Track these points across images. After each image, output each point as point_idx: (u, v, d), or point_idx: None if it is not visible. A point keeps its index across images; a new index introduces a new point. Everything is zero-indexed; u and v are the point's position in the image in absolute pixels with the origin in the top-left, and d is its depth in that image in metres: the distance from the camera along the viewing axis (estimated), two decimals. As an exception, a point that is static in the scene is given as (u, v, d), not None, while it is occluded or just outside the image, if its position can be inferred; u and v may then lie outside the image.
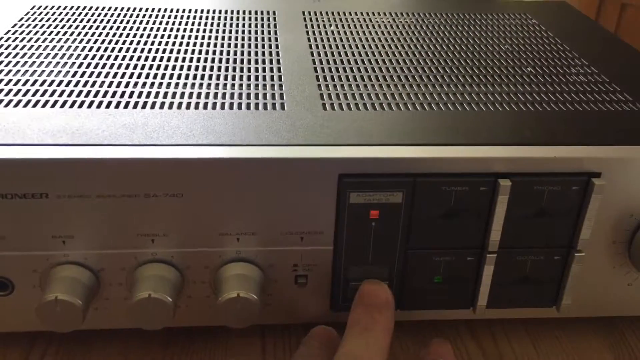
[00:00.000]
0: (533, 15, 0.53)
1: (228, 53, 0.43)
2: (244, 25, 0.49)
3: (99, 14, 0.49)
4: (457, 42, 0.47)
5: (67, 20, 0.48)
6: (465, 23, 0.51)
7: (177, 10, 0.51)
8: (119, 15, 0.49)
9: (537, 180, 0.32)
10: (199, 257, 0.33)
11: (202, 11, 0.51)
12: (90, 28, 0.46)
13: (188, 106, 0.35)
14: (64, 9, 0.50)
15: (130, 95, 0.36)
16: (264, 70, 0.41)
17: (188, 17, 0.49)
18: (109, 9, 0.50)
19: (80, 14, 0.49)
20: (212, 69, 0.41)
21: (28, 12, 0.49)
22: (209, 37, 0.46)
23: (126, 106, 0.35)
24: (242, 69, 0.41)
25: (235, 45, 0.44)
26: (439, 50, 0.45)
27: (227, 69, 0.41)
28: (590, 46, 0.47)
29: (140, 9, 0.51)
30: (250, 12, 0.51)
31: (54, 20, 0.47)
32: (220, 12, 0.51)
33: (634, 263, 0.34)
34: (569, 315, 0.36)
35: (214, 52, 0.43)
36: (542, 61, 0.44)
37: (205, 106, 0.36)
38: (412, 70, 0.42)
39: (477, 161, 0.32)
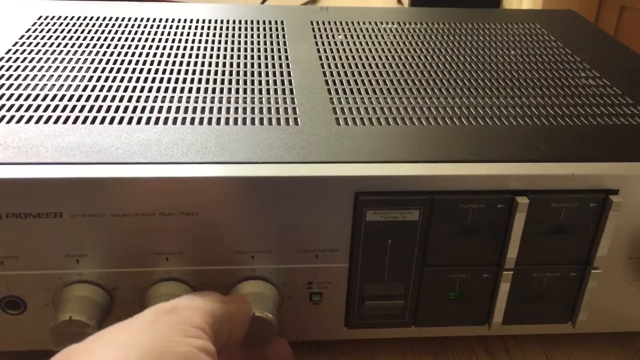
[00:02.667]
0: (542, 25, 0.53)
1: (239, 65, 0.43)
2: (252, 35, 0.48)
3: (107, 25, 0.49)
4: (467, 52, 0.47)
5: (75, 32, 0.47)
6: (474, 33, 0.51)
7: (186, 21, 0.50)
8: (126, 26, 0.49)
9: (554, 197, 0.32)
10: (213, 275, 0.32)
11: (210, 21, 0.51)
12: (99, 39, 0.46)
13: (201, 122, 0.35)
14: (71, 19, 0.50)
15: (143, 110, 0.36)
16: (275, 83, 0.41)
17: (197, 28, 0.49)
18: (117, 19, 0.50)
19: (88, 24, 0.49)
20: (223, 82, 0.40)
21: (35, 23, 0.48)
22: (219, 49, 0.45)
23: (139, 122, 0.35)
24: (253, 82, 0.40)
25: (246, 57, 0.44)
26: (449, 61, 0.45)
27: (238, 82, 0.40)
28: (601, 56, 0.47)
29: (149, 19, 0.50)
30: (258, 22, 0.51)
31: (61, 32, 0.47)
32: (229, 22, 0.51)
33: (650, 279, 0.34)
34: (584, 331, 0.36)
35: (224, 65, 0.43)
36: (553, 72, 0.44)
37: (218, 121, 0.35)
38: (422, 82, 0.41)
39: (494, 179, 0.31)
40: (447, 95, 0.40)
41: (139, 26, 0.49)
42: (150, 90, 0.39)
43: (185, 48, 0.45)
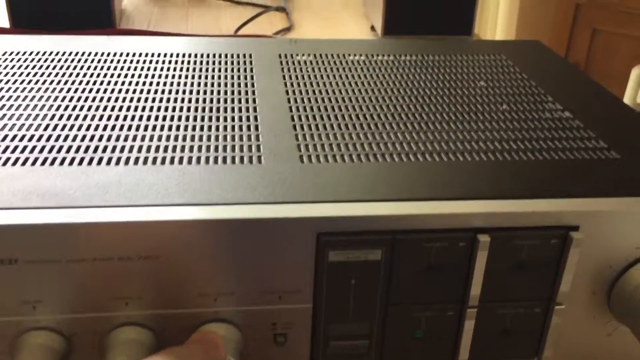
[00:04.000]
0: (508, 56, 0.54)
1: (204, 101, 0.43)
2: (220, 70, 0.48)
3: (67, 60, 0.48)
4: (433, 86, 0.47)
5: (34, 67, 0.47)
6: (441, 65, 0.51)
7: (152, 55, 0.50)
8: (92, 61, 0.49)
9: (515, 234, 0.32)
10: (175, 319, 0.32)
11: (177, 55, 0.51)
12: (60, 76, 0.45)
13: (164, 161, 0.35)
14: (36, 54, 0.49)
15: (104, 150, 0.36)
16: (240, 119, 0.40)
17: (164, 62, 0.49)
18: (78, 54, 0.50)
19: (50, 60, 0.48)
20: (187, 118, 0.40)
21: (-1, 59, 0.48)
22: (185, 84, 0.45)
23: (99, 162, 0.34)
24: (218, 119, 0.40)
25: (212, 92, 0.44)
26: (415, 95, 0.45)
27: (203, 119, 0.40)
28: (565, 88, 0.48)
29: (115, 54, 0.50)
30: (226, 56, 0.51)
31: (19, 68, 0.47)
32: (196, 56, 0.51)
33: (614, 313, 0.34)
34: (550, 366, 0.36)
35: (190, 100, 0.43)
36: (518, 105, 0.44)
37: (180, 161, 0.35)
38: (388, 116, 0.42)
39: (455, 217, 0.31)
40: (412, 129, 0.40)
41: (104, 61, 0.49)
42: (112, 128, 0.38)
43: (151, 83, 0.45)
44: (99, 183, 0.32)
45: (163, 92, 0.44)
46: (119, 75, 0.46)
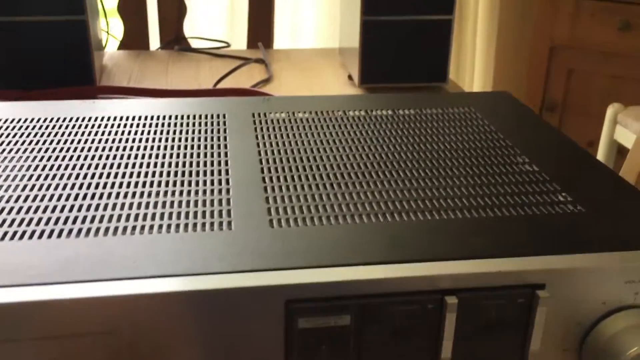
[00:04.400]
0: (477, 109, 0.55)
1: (177, 165, 0.43)
2: (194, 132, 0.49)
3: (35, 127, 0.49)
4: (403, 142, 0.48)
5: (8, 136, 0.47)
6: (412, 120, 0.53)
7: (127, 119, 0.51)
8: (60, 127, 0.49)
9: (483, 295, 0.32)
10: (145, 392, 0.32)
11: (152, 118, 0.51)
12: (25, 144, 0.46)
13: (133, 230, 0.35)
14: (11, 122, 0.50)
15: (74, 221, 0.36)
16: (212, 182, 0.41)
17: (137, 126, 0.50)
18: (51, 120, 0.50)
19: (19, 127, 0.49)
20: (160, 184, 0.40)
21: (-27, 127, 0.48)
22: (159, 147, 0.46)
23: (69, 234, 0.34)
24: (190, 183, 0.41)
25: (185, 155, 0.45)
26: (385, 151, 0.46)
27: (175, 184, 0.41)
28: (532, 141, 0.49)
29: (89, 119, 0.51)
30: (201, 117, 0.52)
31: None
32: (171, 117, 0.51)
33: (585, 369, 0.34)
34: None
35: (163, 165, 0.43)
36: (485, 159, 0.45)
37: (151, 229, 0.35)
38: (358, 175, 0.42)
39: (423, 279, 0.32)
40: (382, 188, 0.41)
41: (73, 126, 0.49)
42: (83, 197, 0.38)
43: (122, 149, 0.46)
44: (66, 257, 0.32)
45: (136, 156, 0.44)
46: (92, 141, 0.47)
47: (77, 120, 0.50)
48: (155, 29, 1.23)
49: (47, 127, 0.49)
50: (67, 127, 0.49)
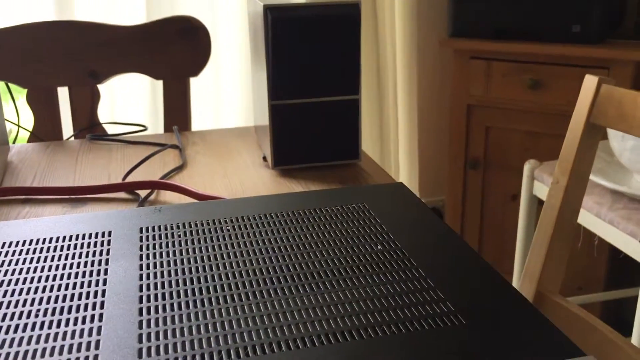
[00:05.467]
0: (370, 205, 0.55)
1: (55, 300, 0.41)
2: (74, 255, 0.47)
3: None
4: (292, 249, 0.47)
5: None
6: (306, 220, 0.52)
7: (9, 245, 0.48)
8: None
9: None
10: None
11: (36, 242, 0.49)
12: None
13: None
14: None
15: None
16: (83, 321, 0.39)
17: (20, 253, 0.47)
18: None
19: None
20: (26, 327, 0.38)
21: None
22: (39, 279, 0.43)
23: None
24: (65, 322, 0.38)
25: (60, 288, 0.42)
26: (273, 264, 0.45)
27: (42, 325, 0.38)
28: (421, 241, 0.49)
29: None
30: (84, 237, 0.50)
31: None
32: (54, 240, 0.49)
33: None
34: None
35: (33, 302, 0.41)
36: (374, 267, 0.45)
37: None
38: (250, 295, 0.41)
39: None
40: (263, 312, 0.39)
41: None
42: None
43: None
44: None
45: (12, 293, 0.42)
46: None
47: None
48: (68, 117, 1.20)
49: None
50: None
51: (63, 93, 1.20)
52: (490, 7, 1.62)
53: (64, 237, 0.50)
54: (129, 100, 1.67)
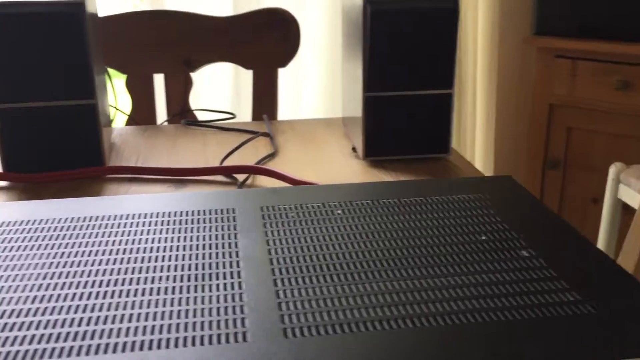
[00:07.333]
0: (484, 195, 0.56)
1: (189, 268, 0.44)
2: (204, 229, 0.50)
3: (43, 229, 0.50)
4: (410, 234, 0.49)
5: (24, 240, 0.48)
6: (417, 209, 0.53)
7: (135, 217, 0.52)
8: (62, 229, 0.50)
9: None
10: None
11: (163, 215, 0.52)
12: (33, 248, 0.47)
13: (142, 346, 0.35)
14: (13, 224, 0.51)
15: (83, 337, 0.36)
16: (225, 287, 0.42)
17: (144, 225, 0.51)
18: (54, 221, 0.51)
19: (23, 230, 0.50)
20: (173, 290, 0.41)
21: (-10, 231, 0.49)
22: (170, 249, 0.47)
23: (79, 353, 0.35)
24: (203, 288, 0.41)
25: (196, 257, 0.45)
26: (394, 246, 0.47)
27: (188, 289, 0.41)
28: (537, 232, 0.50)
29: (91, 219, 0.52)
30: (210, 212, 0.53)
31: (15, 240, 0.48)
32: (180, 214, 0.53)
33: None
34: None
35: (175, 268, 0.44)
36: (492, 254, 0.46)
37: (167, 343, 0.36)
38: (369, 275, 0.43)
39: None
40: (394, 289, 0.41)
41: (80, 227, 0.50)
42: (92, 309, 0.39)
43: (129, 251, 0.46)
44: (85, 379, 0.33)
45: (143, 260, 0.45)
46: (100, 244, 0.48)
47: (84, 220, 0.51)
48: (162, 102, 1.26)
49: (55, 229, 0.50)
50: (74, 228, 0.50)
51: (159, 79, 1.25)
52: (576, 4, 1.59)
53: (191, 212, 0.53)
54: (212, 87, 1.73)
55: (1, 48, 0.77)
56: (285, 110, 1.80)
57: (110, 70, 1.25)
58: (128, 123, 1.22)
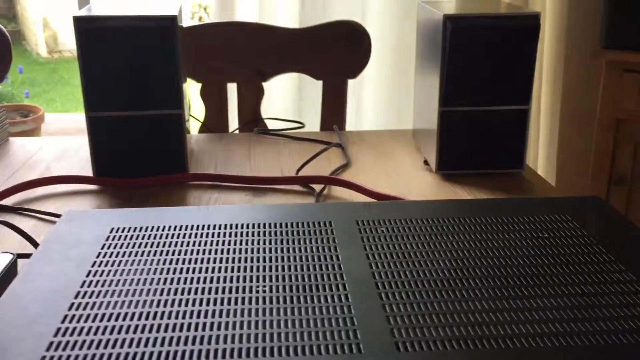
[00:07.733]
0: (572, 217, 0.57)
1: (295, 278, 0.46)
2: (304, 241, 0.52)
3: (145, 236, 0.53)
4: (504, 253, 0.50)
5: (146, 245, 0.52)
6: (507, 228, 0.54)
7: (234, 227, 0.55)
8: (171, 236, 0.53)
9: None
10: None
11: (259, 226, 0.55)
12: (143, 254, 0.50)
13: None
14: (145, 230, 0.54)
15: (201, 341, 0.39)
16: (332, 298, 0.44)
17: (241, 235, 0.53)
18: (158, 229, 0.55)
19: (129, 237, 0.53)
20: (278, 300, 0.43)
21: (108, 237, 0.53)
22: (272, 259, 0.49)
23: (199, 356, 0.37)
24: (307, 299, 0.43)
25: (300, 268, 0.48)
26: (491, 264, 0.48)
27: (292, 300, 0.43)
28: (631, 253, 0.50)
29: (192, 227, 0.55)
30: (308, 225, 0.55)
31: (139, 247, 0.51)
32: (277, 225, 0.55)
33: None
34: None
35: (278, 278, 0.46)
36: (588, 277, 0.47)
37: (279, 351, 0.38)
38: (470, 292, 0.44)
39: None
40: (497, 308, 0.42)
41: (183, 236, 0.53)
42: (205, 315, 0.42)
43: (228, 260, 0.49)
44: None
45: (246, 269, 0.47)
46: (203, 252, 0.50)
47: (185, 229, 0.54)
48: (234, 110, 1.29)
49: (158, 237, 0.53)
50: (176, 236, 0.53)
51: (232, 88, 1.29)
52: (648, 19, 1.56)
53: (289, 224, 0.55)
54: (278, 96, 1.76)
55: (97, 59, 0.82)
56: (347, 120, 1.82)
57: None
58: (201, 130, 1.27)
